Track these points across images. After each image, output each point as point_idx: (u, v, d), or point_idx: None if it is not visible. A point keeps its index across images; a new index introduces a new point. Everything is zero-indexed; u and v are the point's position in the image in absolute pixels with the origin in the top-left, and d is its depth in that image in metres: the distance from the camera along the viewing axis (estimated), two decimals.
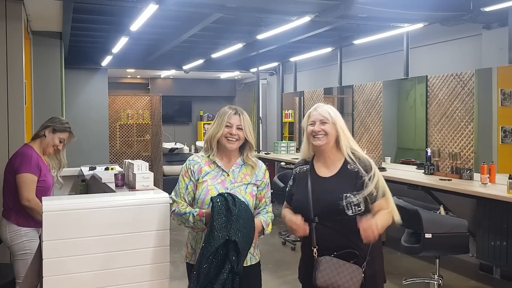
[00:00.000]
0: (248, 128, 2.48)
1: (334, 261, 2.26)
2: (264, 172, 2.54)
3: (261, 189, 2.50)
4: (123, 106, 10.07)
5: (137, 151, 10.14)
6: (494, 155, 5.12)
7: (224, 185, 2.42)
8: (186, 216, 2.37)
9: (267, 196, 2.54)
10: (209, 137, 2.49)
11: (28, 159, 3.16)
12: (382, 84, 6.71)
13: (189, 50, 8.77)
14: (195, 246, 2.45)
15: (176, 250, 6.07)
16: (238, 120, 2.45)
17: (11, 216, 3.13)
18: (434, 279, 4.28)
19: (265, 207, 2.53)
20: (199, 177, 2.43)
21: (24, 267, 3.05)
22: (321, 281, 2.24)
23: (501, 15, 5.20)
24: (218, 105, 11.47)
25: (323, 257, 2.28)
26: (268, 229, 2.45)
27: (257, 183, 2.49)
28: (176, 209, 2.43)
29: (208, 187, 2.40)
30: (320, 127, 2.38)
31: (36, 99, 6.46)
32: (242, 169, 2.49)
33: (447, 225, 3.93)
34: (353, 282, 2.23)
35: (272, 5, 5.19)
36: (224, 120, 2.44)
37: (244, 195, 2.41)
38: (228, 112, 2.46)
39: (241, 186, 2.44)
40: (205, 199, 2.38)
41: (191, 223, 2.36)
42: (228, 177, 2.45)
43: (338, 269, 2.24)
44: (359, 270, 2.26)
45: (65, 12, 5.39)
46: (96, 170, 4.54)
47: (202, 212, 2.34)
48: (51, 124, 3.36)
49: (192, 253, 2.46)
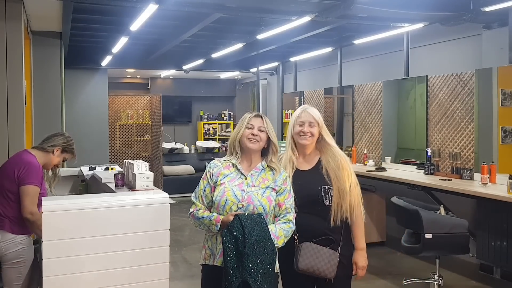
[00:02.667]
0: (272, 130, 2.49)
1: (313, 247, 2.51)
2: (284, 179, 2.49)
3: (280, 194, 2.44)
4: (123, 106, 10.07)
5: (137, 151, 10.14)
6: (494, 155, 5.12)
7: (241, 187, 2.40)
8: (203, 220, 2.38)
9: (288, 203, 2.45)
10: (231, 141, 2.51)
11: (36, 171, 3.10)
12: (382, 84, 6.71)
13: (189, 50, 8.77)
14: (212, 247, 2.42)
15: (176, 250, 6.07)
16: (260, 122, 2.47)
17: (5, 225, 3.03)
18: (434, 279, 4.27)
19: (286, 214, 2.44)
20: (217, 179, 2.44)
21: (16, 275, 3.02)
22: (303, 265, 2.47)
23: (501, 15, 5.19)
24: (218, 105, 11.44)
25: (303, 243, 2.52)
26: (279, 242, 2.35)
27: (276, 188, 2.44)
28: (194, 211, 2.44)
29: (224, 189, 2.39)
30: (308, 129, 2.63)
31: (36, 99, 6.46)
32: (262, 173, 2.46)
33: (447, 225, 3.93)
34: (331, 265, 2.50)
35: (272, 5, 5.18)
36: (245, 122, 2.47)
37: (261, 199, 2.38)
38: (249, 115, 2.50)
39: (259, 190, 2.41)
40: (220, 201, 2.37)
41: (207, 226, 2.38)
42: (246, 180, 2.43)
43: (317, 253, 2.49)
44: (335, 254, 2.53)
45: (65, 12, 5.39)
46: (96, 170, 4.53)
47: (219, 218, 2.34)
48: (62, 145, 3.32)
49: (210, 254, 2.43)
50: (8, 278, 3.05)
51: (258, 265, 2.19)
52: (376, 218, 6.21)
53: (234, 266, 2.19)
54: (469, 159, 5.21)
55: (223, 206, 2.36)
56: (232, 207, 2.35)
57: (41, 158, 3.24)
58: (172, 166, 10.50)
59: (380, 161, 6.58)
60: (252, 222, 2.25)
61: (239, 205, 2.35)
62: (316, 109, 2.72)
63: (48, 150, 3.28)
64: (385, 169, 6.09)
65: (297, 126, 2.65)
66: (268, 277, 2.22)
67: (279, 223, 2.41)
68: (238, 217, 2.27)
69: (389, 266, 5.48)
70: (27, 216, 3.01)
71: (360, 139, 7.07)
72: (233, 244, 2.21)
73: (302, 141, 2.64)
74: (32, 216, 3.01)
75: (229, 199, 2.36)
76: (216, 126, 12.66)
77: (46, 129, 5.98)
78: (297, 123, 2.66)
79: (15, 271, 3.04)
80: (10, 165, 3.16)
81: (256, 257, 2.19)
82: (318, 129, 2.65)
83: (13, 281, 3.04)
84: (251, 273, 2.17)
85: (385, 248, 6.12)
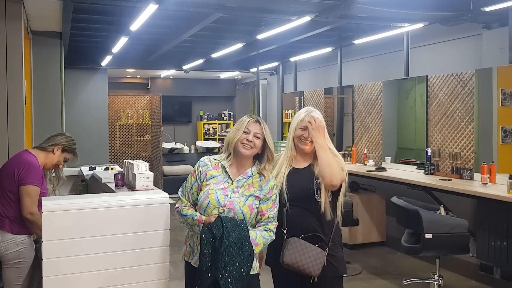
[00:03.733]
0: (269, 137, 2.46)
1: (301, 243, 2.48)
2: (271, 187, 2.45)
3: (263, 202, 2.41)
4: (123, 106, 10.07)
5: (137, 151, 10.14)
6: (494, 155, 5.12)
7: (225, 192, 2.39)
8: (186, 217, 2.40)
9: (270, 212, 2.42)
10: (227, 142, 2.49)
11: (36, 171, 3.09)
12: (382, 84, 6.71)
13: (189, 50, 8.77)
14: (193, 245, 2.44)
15: (176, 250, 6.03)
16: (258, 128, 2.44)
17: (4, 225, 3.02)
18: (434, 279, 4.28)
19: (267, 223, 2.42)
20: (204, 179, 2.43)
21: (16, 275, 3.02)
22: (288, 259, 2.46)
23: (501, 15, 5.19)
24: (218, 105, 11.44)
25: (291, 238, 2.50)
26: (256, 249, 2.34)
27: (260, 196, 2.41)
28: (179, 207, 2.45)
29: (209, 191, 2.39)
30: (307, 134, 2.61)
31: (35, 99, 6.46)
32: (249, 180, 2.44)
33: (447, 225, 3.93)
34: (316, 263, 2.45)
35: (272, 5, 5.19)
36: (243, 126, 2.44)
37: (242, 207, 2.36)
38: (248, 119, 2.47)
39: (242, 197, 2.39)
40: (203, 203, 2.38)
41: (190, 225, 2.40)
42: (231, 185, 2.41)
43: (304, 250, 2.46)
44: (322, 254, 2.48)
45: (65, 12, 5.39)
46: (96, 170, 4.54)
47: (202, 219, 2.34)
48: (63, 144, 3.31)
49: (190, 251, 2.46)
50: (8, 278, 3.05)
51: (231, 267, 2.18)
52: (376, 218, 6.21)
53: (208, 265, 2.19)
54: (469, 159, 5.21)
55: (204, 208, 2.37)
56: (213, 210, 2.35)
57: (41, 158, 3.23)
58: (172, 166, 10.49)
59: (380, 161, 6.58)
60: (233, 224, 2.25)
61: (220, 209, 2.35)
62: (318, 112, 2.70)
63: (48, 149, 3.27)
64: (385, 169, 6.09)
65: (299, 130, 2.63)
66: (241, 280, 2.21)
67: (260, 229, 2.40)
68: (220, 218, 2.28)
69: (389, 266, 5.48)
70: (27, 216, 3.01)
71: (360, 139, 7.07)
72: (210, 242, 2.21)
73: (302, 146, 2.64)
74: (32, 216, 3.01)
75: (211, 203, 2.36)
76: (216, 126, 12.67)
77: (46, 129, 5.99)
78: (299, 126, 2.63)
79: (15, 271, 3.03)
80: (10, 165, 3.15)
81: (231, 259, 2.19)
82: None
83: (13, 281, 3.04)
84: (223, 274, 2.17)
85: (385, 248, 6.12)
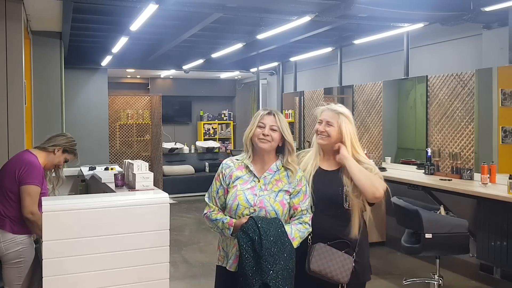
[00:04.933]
0: (286, 129, 2.36)
1: (327, 249, 2.34)
2: (299, 179, 2.37)
3: (294, 196, 2.34)
4: (123, 106, 10.07)
5: (137, 151, 10.14)
6: (494, 155, 5.12)
7: (253, 191, 2.31)
8: (216, 222, 2.33)
9: (303, 205, 2.35)
10: (244, 139, 2.41)
11: (37, 170, 3.09)
12: (382, 84, 6.71)
13: (189, 50, 8.78)
14: (227, 249, 2.36)
15: (176, 250, 6.07)
16: (273, 120, 2.35)
17: (5, 225, 3.03)
18: (434, 279, 4.28)
19: (301, 216, 2.35)
20: (229, 182, 2.35)
21: (17, 275, 3.02)
22: (315, 266, 2.31)
23: (501, 15, 5.20)
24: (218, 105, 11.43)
25: (317, 244, 2.35)
26: (294, 243, 2.26)
27: (290, 190, 2.34)
28: (208, 213, 2.39)
29: (236, 192, 2.31)
30: (324, 128, 2.45)
31: (36, 99, 6.46)
32: (275, 175, 2.36)
33: (447, 225, 3.93)
34: (344, 269, 2.32)
35: (272, 5, 5.19)
36: (257, 120, 2.36)
37: (273, 204, 2.29)
38: (261, 113, 2.39)
39: (271, 193, 2.31)
40: (232, 205, 2.30)
41: (220, 229, 2.33)
42: (258, 183, 2.33)
43: (331, 256, 2.32)
44: (350, 259, 2.35)
45: (65, 12, 5.39)
46: (96, 170, 4.54)
47: (231, 221, 2.28)
48: (63, 144, 3.31)
49: (224, 256, 2.37)
50: (8, 278, 3.06)
51: (277, 266, 2.13)
52: (376, 218, 6.20)
53: (253, 269, 2.13)
54: (469, 159, 5.21)
55: (234, 210, 2.30)
56: (244, 211, 2.28)
57: (42, 158, 3.24)
58: (172, 166, 10.49)
59: (380, 161, 6.58)
60: (267, 223, 2.20)
61: (251, 209, 2.28)
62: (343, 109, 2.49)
63: (49, 149, 3.28)
64: (385, 169, 6.09)
65: (317, 124, 2.51)
66: (289, 278, 2.17)
67: (295, 223, 2.33)
68: (253, 218, 2.21)
69: (389, 266, 5.48)
70: (27, 216, 3.01)
71: (360, 139, 7.07)
72: (249, 246, 2.15)
73: (318, 140, 2.49)
74: (32, 216, 3.01)
75: (240, 204, 2.29)
76: (216, 126, 12.66)
77: (46, 129, 6.00)
78: (318, 120, 2.51)
79: (16, 271, 3.04)
80: (11, 165, 3.16)
81: (274, 258, 2.14)
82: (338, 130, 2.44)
83: (13, 281, 3.04)
84: (271, 275, 2.11)
85: (385, 248, 6.12)
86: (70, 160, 3.42)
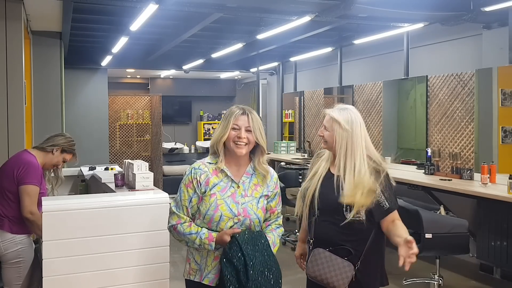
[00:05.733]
0: (259, 129, 2.16)
1: (326, 254, 2.25)
2: (276, 182, 2.26)
3: (271, 200, 2.23)
4: (123, 106, 10.07)
5: (137, 151, 10.14)
6: (494, 155, 5.12)
7: (235, 199, 2.13)
8: (191, 237, 2.10)
9: (278, 207, 2.27)
10: (214, 142, 2.16)
11: (35, 170, 3.09)
12: (382, 84, 6.71)
13: (189, 50, 8.78)
14: (201, 262, 2.17)
15: (176, 250, 6.06)
16: (246, 121, 2.13)
17: (4, 224, 3.03)
18: (434, 279, 4.28)
19: (277, 219, 2.28)
20: (206, 189, 2.12)
21: (16, 275, 3.02)
22: (310, 271, 2.26)
23: (501, 15, 5.20)
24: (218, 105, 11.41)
25: (316, 249, 2.29)
26: (274, 250, 2.18)
27: (269, 194, 2.22)
28: (178, 226, 2.13)
29: (217, 202, 2.10)
30: (322, 133, 2.36)
31: (36, 99, 6.46)
32: (253, 179, 2.20)
33: (447, 225, 3.93)
34: (342, 277, 2.22)
35: (272, 5, 5.19)
36: (230, 122, 2.12)
37: (256, 211, 2.16)
38: (234, 112, 2.15)
39: (253, 200, 2.16)
40: (214, 216, 2.09)
41: (197, 245, 2.11)
42: (238, 189, 2.15)
43: (329, 262, 2.24)
44: (350, 267, 2.24)
45: (65, 12, 5.39)
46: (96, 170, 4.54)
47: (212, 237, 2.08)
48: (62, 144, 3.30)
49: (197, 269, 2.18)
50: (7, 278, 3.06)
51: None
52: None
53: None
54: (469, 159, 5.21)
55: (217, 222, 2.10)
56: (227, 223, 2.10)
57: (40, 158, 3.24)
58: (172, 166, 10.49)
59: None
60: (253, 247, 2.03)
61: (235, 219, 2.10)
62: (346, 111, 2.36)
63: (47, 149, 3.28)
64: None
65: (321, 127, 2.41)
66: None
67: (273, 229, 2.26)
68: (236, 241, 2.02)
69: (389, 266, 5.46)
70: (27, 216, 3.01)
71: None
72: (234, 276, 1.99)
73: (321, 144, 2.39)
74: (32, 216, 3.01)
75: (224, 214, 2.09)
76: (216, 126, 12.65)
77: (46, 129, 5.99)
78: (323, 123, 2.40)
79: (15, 271, 3.04)
80: (9, 165, 3.16)
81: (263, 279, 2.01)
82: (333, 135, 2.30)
83: (12, 281, 3.04)
84: None
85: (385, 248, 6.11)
86: (69, 160, 3.42)
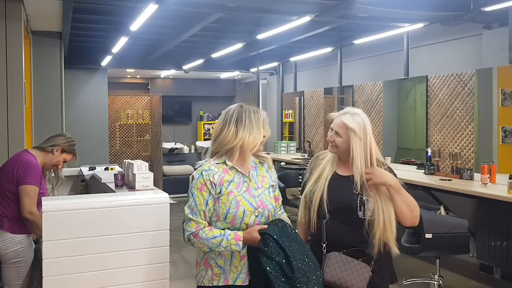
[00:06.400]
0: None
1: (342, 257, 2.24)
2: (273, 170, 2.32)
3: (275, 189, 2.27)
4: (123, 106, 10.07)
5: (137, 151, 10.14)
6: (494, 155, 5.12)
7: (250, 192, 2.13)
8: (215, 240, 2.05)
9: (280, 195, 2.32)
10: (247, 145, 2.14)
11: (35, 170, 3.09)
12: (382, 84, 6.71)
13: (189, 50, 8.78)
14: (224, 265, 2.12)
15: (176, 250, 6.07)
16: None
17: (3, 224, 3.04)
18: (434, 279, 4.27)
19: (281, 207, 2.31)
20: (221, 189, 2.09)
21: (15, 274, 3.02)
22: (329, 276, 2.21)
23: (501, 15, 5.20)
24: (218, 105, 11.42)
25: (331, 253, 2.25)
26: None
27: (272, 183, 2.26)
28: (199, 232, 2.08)
29: (236, 198, 2.09)
30: (333, 137, 2.32)
31: (35, 99, 6.46)
32: (258, 170, 2.22)
33: (447, 225, 3.93)
34: (360, 279, 2.22)
35: (272, 5, 5.19)
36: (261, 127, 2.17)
37: (271, 201, 2.18)
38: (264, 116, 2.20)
39: (265, 191, 2.18)
40: (237, 213, 2.07)
41: (223, 247, 2.05)
42: (251, 183, 2.16)
43: (346, 265, 2.23)
44: (367, 268, 2.24)
45: (65, 12, 5.39)
46: (96, 170, 4.53)
47: (238, 236, 2.04)
48: (62, 144, 3.30)
49: (221, 273, 2.12)
50: (7, 278, 3.06)
51: (312, 283, 2.01)
52: None
53: None
54: (469, 159, 5.21)
55: (241, 218, 2.08)
56: (250, 217, 2.09)
57: (40, 158, 3.24)
58: (172, 166, 10.49)
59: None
60: (286, 238, 2.05)
61: (256, 212, 2.10)
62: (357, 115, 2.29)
63: (47, 150, 3.27)
64: None
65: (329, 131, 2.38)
66: (321, 285, 2.07)
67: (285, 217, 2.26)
68: (270, 236, 2.03)
69: None
70: (26, 216, 3.02)
71: None
72: (278, 271, 1.98)
73: (329, 148, 2.37)
74: (31, 216, 3.02)
75: (246, 209, 2.08)
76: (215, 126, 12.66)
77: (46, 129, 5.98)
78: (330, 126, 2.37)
79: (14, 270, 3.04)
80: (9, 165, 3.16)
81: (306, 276, 2.01)
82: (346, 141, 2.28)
83: (12, 280, 3.04)
84: None
85: None
86: (69, 160, 3.42)
